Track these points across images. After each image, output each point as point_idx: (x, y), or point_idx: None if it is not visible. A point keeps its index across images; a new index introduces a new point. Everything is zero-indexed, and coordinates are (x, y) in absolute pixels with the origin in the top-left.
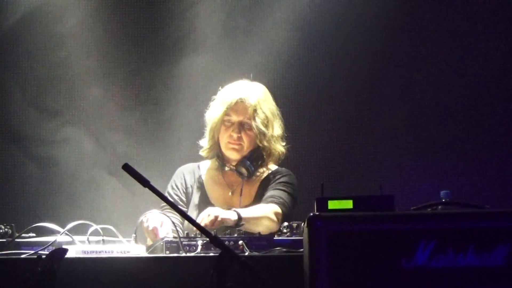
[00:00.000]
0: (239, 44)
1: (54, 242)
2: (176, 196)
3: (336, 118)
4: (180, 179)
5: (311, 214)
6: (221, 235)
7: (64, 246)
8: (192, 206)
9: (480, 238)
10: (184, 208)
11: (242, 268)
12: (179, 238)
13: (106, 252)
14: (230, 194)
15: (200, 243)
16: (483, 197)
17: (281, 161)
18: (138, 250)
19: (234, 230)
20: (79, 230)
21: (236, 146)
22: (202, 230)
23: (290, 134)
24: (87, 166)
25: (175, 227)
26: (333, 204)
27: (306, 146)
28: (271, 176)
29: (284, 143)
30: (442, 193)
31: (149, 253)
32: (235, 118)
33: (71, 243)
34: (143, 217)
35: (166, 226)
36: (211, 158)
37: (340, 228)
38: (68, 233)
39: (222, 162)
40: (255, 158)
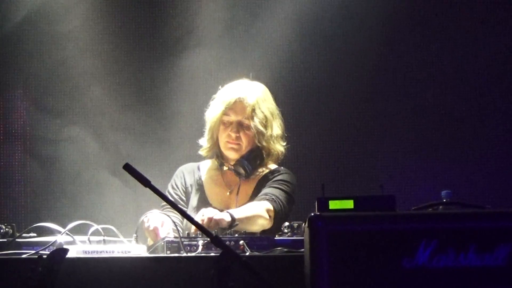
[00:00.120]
0: (240, 43)
1: (55, 242)
2: (176, 196)
3: (337, 118)
4: (180, 179)
5: (312, 214)
6: (222, 235)
7: (65, 246)
8: (191, 206)
9: (481, 238)
10: (184, 208)
11: (243, 268)
12: (180, 238)
13: (107, 252)
14: (228, 193)
15: (201, 243)
16: (484, 197)
17: (281, 160)
18: (139, 250)
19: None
20: (80, 230)
21: (234, 146)
22: (203, 230)
23: (291, 134)
24: (88, 165)
25: (176, 227)
26: (334, 204)
27: (307, 146)
28: (269, 174)
29: (284, 143)
30: (443, 193)
31: (150, 253)
32: (234, 118)
33: (72, 243)
34: (144, 217)
35: (167, 226)
36: (211, 157)
37: (341, 228)
38: (69, 233)
39: (221, 162)
40: (253, 157)
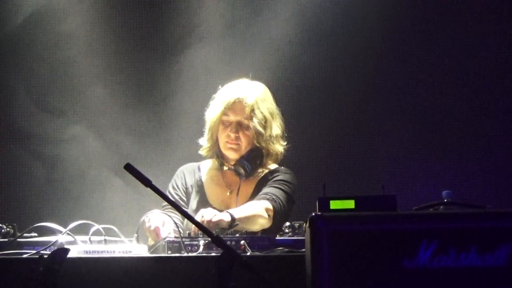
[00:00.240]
0: (242, 42)
1: (56, 242)
2: (177, 196)
3: (338, 117)
4: (180, 179)
5: (313, 214)
6: (222, 235)
7: (66, 246)
8: (191, 206)
9: (482, 238)
10: (185, 208)
11: (244, 268)
12: (181, 238)
13: (108, 252)
14: (228, 194)
15: (202, 243)
16: (485, 197)
17: (281, 160)
18: (140, 250)
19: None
20: (81, 230)
21: (234, 146)
22: (204, 230)
23: (292, 133)
24: (90, 165)
25: (177, 227)
26: (335, 204)
27: (308, 146)
28: (269, 174)
29: (284, 143)
30: (444, 193)
31: (151, 253)
32: (233, 118)
33: (73, 243)
34: (145, 217)
35: (168, 226)
36: (211, 157)
37: (342, 228)
38: (70, 233)
39: (221, 162)
40: (253, 157)
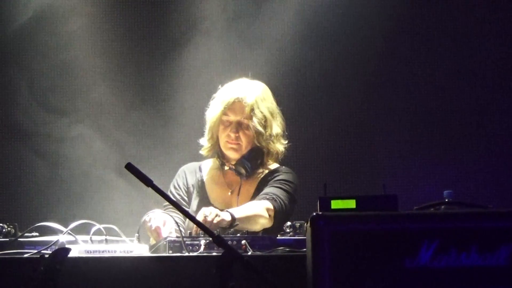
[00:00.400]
0: (243, 41)
1: (57, 241)
2: (178, 196)
3: (339, 117)
4: (182, 179)
5: (314, 214)
6: (223, 235)
7: (67, 246)
8: (192, 206)
9: (483, 238)
10: (186, 208)
11: (245, 268)
12: (182, 237)
13: (109, 251)
14: (230, 193)
15: (203, 242)
16: (486, 197)
17: (281, 160)
18: (141, 250)
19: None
20: (82, 230)
21: (234, 146)
22: (205, 229)
23: (293, 133)
24: (92, 165)
25: (178, 226)
26: (336, 204)
27: (309, 145)
28: (270, 174)
29: (285, 142)
30: (445, 193)
31: (152, 252)
32: (233, 118)
33: (74, 242)
34: (146, 216)
35: (169, 225)
36: (212, 157)
37: (343, 227)
38: (71, 232)
39: (222, 162)
40: (253, 157)
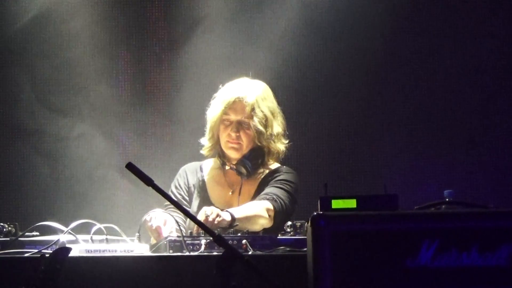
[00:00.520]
0: (244, 41)
1: (58, 241)
2: (179, 195)
3: (340, 117)
4: (183, 179)
5: (315, 213)
6: (224, 234)
7: (67, 245)
8: (193, 206)
9: (483, 238)
10: (187, 207)
11: (245, 267)
12: (183, 237)
13: (109, 251)
14: (230, 193)
15: (203, 242)
16: (487, 196)
17: (282, 159)
18: (141, 249)
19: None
20: (82, 229)
21: (235, 145)
22: (206, 229)
23: (293, 132)
24: (94, 164)
25: (178, 226)
26: (336, 203)
27: (309, 145)
28: (271, 174)
29: (286, 141)
30: (446, 192)
31: (152, 252)
32: (234, 117)
33: (75, 242)
34: (146, 216)
35: (169, 225)
36: (212, 156)
37: (344, 227)
38: (71, 232)
39: (223, 161)
40: (254, 157)
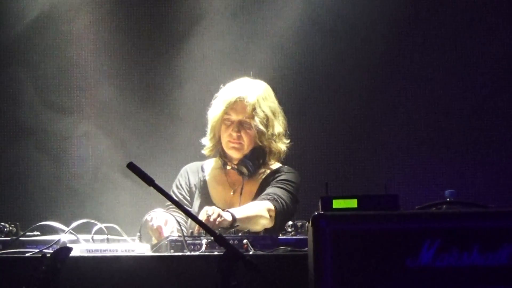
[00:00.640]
0: (244, 40)
1: (59, 241)
2: (180, 195)
3: (341, 116)
4: (184, 178)
5: (316, 213)
6: (225, 234)
7: (68, 245)
8: (195, 206)
9: (484, 237)
10: (188, 207)
11: (246, 267)
12: (184, 237)
13: (110, 251)
14: (232, 193)
15: (204, 242)
16: (488, 196)
17: (283, 159)
18: (142, 249)
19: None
20: (83, 229)
21: (236, 145)
22: (207, 229)
23: (294, 132)
24: (95, 164)
25: (179, 226)
26: (337, 203)
27: (310, 145)
28: (273, 174)
29: (287, 141)
30: (447, 192)
31: (153, 252)
32: (235, 117)
33: (76, 241)
34: (147, 216)
35: (170, 225)
36: (214, 156)
37: (345, 227)
38: (72, 231)
39: (225, 161)
40: (255, 156)
